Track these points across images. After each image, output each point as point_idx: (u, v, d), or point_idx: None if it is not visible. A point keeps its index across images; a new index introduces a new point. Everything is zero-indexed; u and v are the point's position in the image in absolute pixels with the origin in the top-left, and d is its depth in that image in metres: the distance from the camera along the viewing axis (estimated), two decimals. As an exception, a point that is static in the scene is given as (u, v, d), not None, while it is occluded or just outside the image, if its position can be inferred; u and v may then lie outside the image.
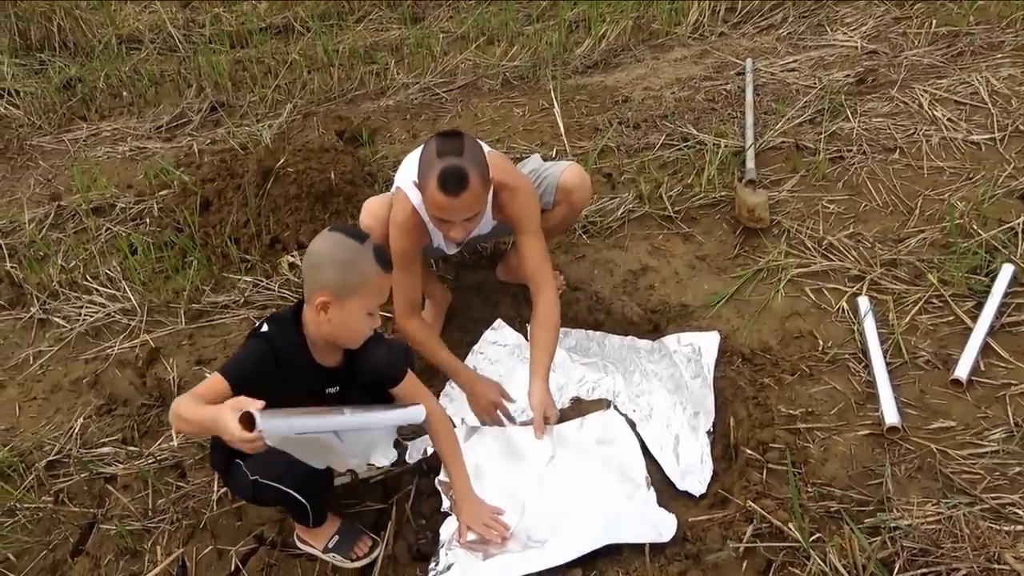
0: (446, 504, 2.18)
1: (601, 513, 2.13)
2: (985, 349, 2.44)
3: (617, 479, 2.23)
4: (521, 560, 2.01)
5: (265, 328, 1.88)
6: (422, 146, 2.53)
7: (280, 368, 1.85)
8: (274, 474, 1.86)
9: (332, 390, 1.98)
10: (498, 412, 2.44)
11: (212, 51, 5.12)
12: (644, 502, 2.13)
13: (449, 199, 2.10)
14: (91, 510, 2.30)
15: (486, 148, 2.37)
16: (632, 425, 2.45)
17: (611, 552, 2.03)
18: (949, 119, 3.59)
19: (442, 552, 2.05)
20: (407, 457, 2.29)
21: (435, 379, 2.58)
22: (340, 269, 1.80)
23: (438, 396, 2.50)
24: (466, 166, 2.08)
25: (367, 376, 2.01)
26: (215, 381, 1.77)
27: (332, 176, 3.32)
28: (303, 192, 3.27)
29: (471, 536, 2.06)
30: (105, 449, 2.48)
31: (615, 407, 2.51)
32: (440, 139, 2.14)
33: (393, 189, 2.54)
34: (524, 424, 2.44)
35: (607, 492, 2.20)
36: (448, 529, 2.12)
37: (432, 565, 2.03)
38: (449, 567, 2.02)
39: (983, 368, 2.40)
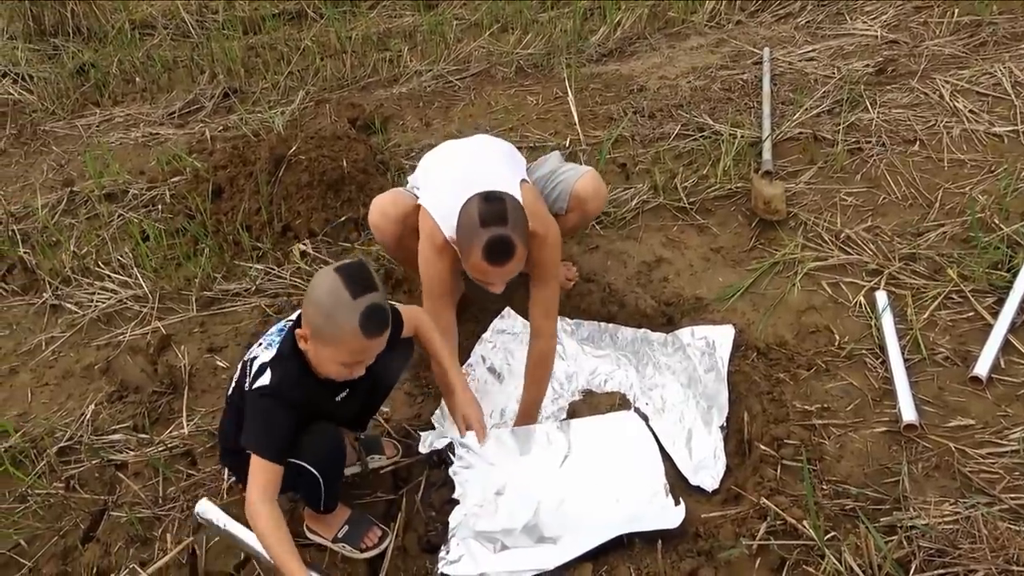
0: (457, 491, 2.17)
1: (616, 513, 2.11)
2: (1006, 346, 2.40)
3: (635, 482, 2.20)
4: (532, 555, 2.00)
5: (268, 378, 1.82)
6: (444, 160, 2.45)
7: (296, 410, 1.85)
8: (293, 451, 1.87)
9: (342, 395, 1.97)
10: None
11: (225, 37, 5.09)
12: (663, 507, 2.10)
13: (495, 268, 2.06)
14: (102, 497, 2.31)
15: (518, 178, 2.32)
16: (645, 419, 2.43)
17: (622, 548, 2.02)
18: (971, 110, 3.53)
19: (453, 542, 2.04)
20: (420, 447, 2.28)
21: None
22: (322, 316, 1.74)
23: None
24: (511, 235, 2.02)
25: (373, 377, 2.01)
26: (267, 469, 1.79)
27: (344, 164, 3.29)
28: (315, 180, 3.25)
29: (469, 436, 2.21)
30: (116, 436, 2.48)
31: (636, 408, 2.47)
32: (483, 204, 2.04)
33: (409, 187, 2.49)
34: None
35: (624, 494, 2.17)
36: (458, 517, 2.11)
37: (442, 554, 2.03)
38: (460, 558, 2.00)
39: (1003, 366, 2.36)
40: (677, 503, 2.10)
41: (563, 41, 4.65)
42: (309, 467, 1.89)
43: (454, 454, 2.25)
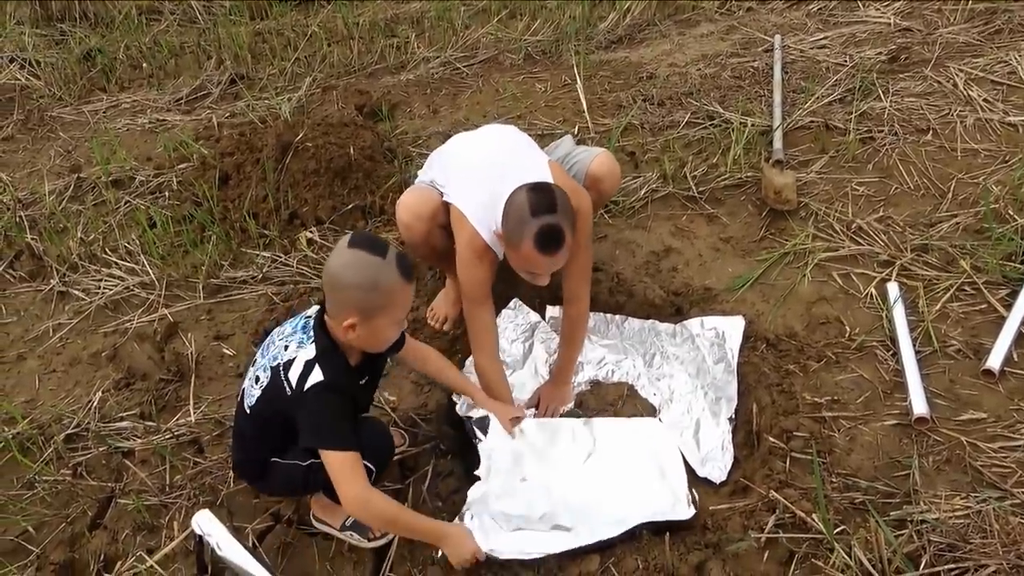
0: (483, 466, 2.18)
1: (634, 511, 2.08)
2: (1019, 339, 2.38)
3: (658, 488, 2.16)
4: (543, 538, 2.01)
5: (321, 373, 1.82)
6: (463, 155, 2.42)
7: (352, 398, 1.90)
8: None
9: (364, 380, 2.01)
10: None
11: (232, 23, 5.07)
12: (683, 516, 2.06)
13: (547, 258, 2.07)
14: (109, 484, 2.31)
15: (545, 158, 2.33)
16: (653, 411, 2.42)
17: (630, 539, 2.00)
18: (985, 99, 3.48)
19: (466, 516, 2.05)
20: (457, 409, 2.34)
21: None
22: (364, 290, 1.77)
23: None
24: (562, 223, 2.03)
25: (382, 363, 2.07)
26: (353, 460, 1.82)
27: (351, 151, 3.28)
28: (322, 167, 3.24)
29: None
30: (123, 423, 2.48)
31: (659, 419, 2.41)
32: (531, 194, 2.05)
33: (423, 183, 2.47)
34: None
35: (645, 496, 2.13)
36: (476, 493, 2.11)
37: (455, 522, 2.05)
38: (471, 532, 2.01)
39: (1016, 359, 2.34)
40: (696, 508, 2.07)
41: (572, 27, 4.61)
42: (368, 464, 1.91)
43: (484, 432, 2.26)
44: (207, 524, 1.97)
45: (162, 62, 4.76)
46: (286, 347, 1.89)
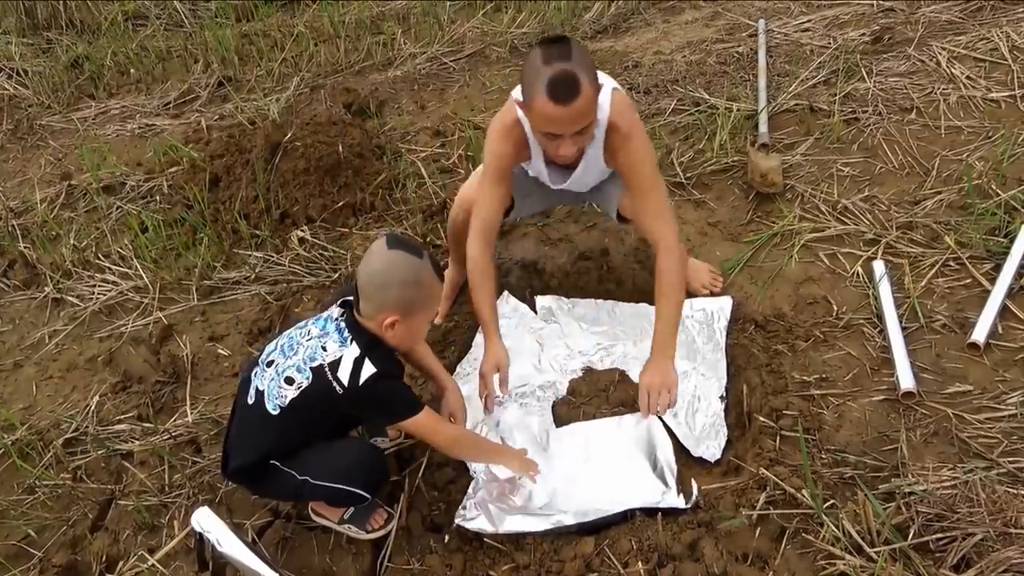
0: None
1: (631, 499, 2.11)
2: (1003, 312, 2.40)
3: (648, 480, 2.18)
4: (543, 522, 2.05)
5: (372, 366, 1.87)
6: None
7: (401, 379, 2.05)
8: (340, 474, 1.96)
9: None
10: (486, 380, 2.35)
11: (218, 25, 5.07)
12: (669, 505, 2.07)
13: (560, 108, 1.91)
14: (109, 486, 2.34)
15: (612, 83, 2.20)
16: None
17: (623, 520, 2.04)
18: (968, 77, 3.50)
19: (471, 503, 2.11)
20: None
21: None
22: (406, 287, 1.86)
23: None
24: (576, 70, 1.89)
25: None
26: (426, 416, 1.97)
27: (340, 149, 3.29)
28: (312, 166, 3.25)
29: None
30: (121, 426, 2.51)
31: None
32: (545, 46, 1.93)
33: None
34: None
35: (635, 490, 2.15)
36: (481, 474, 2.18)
37: (460, 511, 2.10)
38: (476, 516, 2.08)
39: (1001, 331, 2.36)
40: (689, 499, 2.08)
41: (557, 19, 4.62)
42: (362, 492, 1.98)
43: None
44: (207, 521, 1.99)
45: (149, 67, 4.77)
46: (324, 347, 1.91)
